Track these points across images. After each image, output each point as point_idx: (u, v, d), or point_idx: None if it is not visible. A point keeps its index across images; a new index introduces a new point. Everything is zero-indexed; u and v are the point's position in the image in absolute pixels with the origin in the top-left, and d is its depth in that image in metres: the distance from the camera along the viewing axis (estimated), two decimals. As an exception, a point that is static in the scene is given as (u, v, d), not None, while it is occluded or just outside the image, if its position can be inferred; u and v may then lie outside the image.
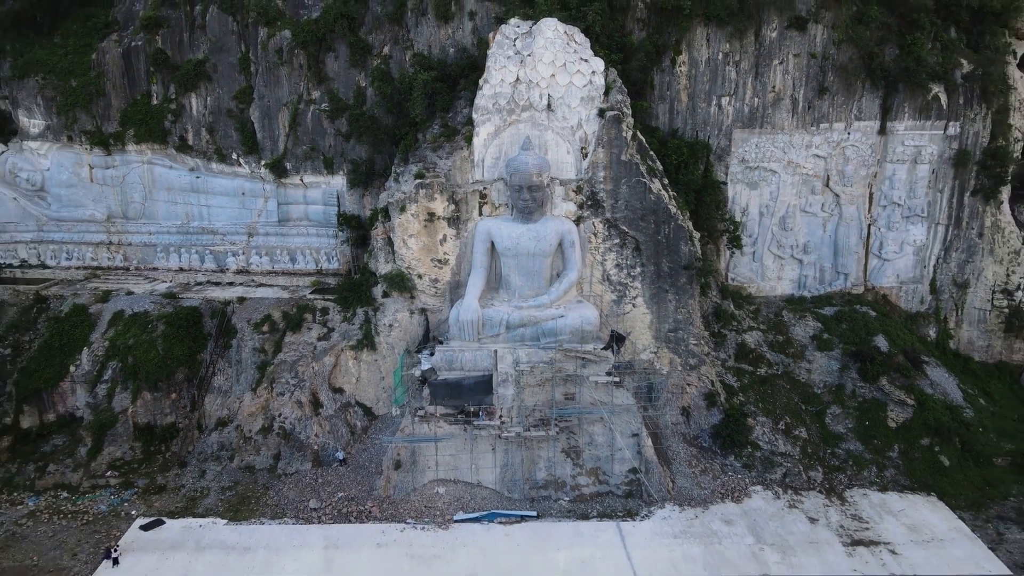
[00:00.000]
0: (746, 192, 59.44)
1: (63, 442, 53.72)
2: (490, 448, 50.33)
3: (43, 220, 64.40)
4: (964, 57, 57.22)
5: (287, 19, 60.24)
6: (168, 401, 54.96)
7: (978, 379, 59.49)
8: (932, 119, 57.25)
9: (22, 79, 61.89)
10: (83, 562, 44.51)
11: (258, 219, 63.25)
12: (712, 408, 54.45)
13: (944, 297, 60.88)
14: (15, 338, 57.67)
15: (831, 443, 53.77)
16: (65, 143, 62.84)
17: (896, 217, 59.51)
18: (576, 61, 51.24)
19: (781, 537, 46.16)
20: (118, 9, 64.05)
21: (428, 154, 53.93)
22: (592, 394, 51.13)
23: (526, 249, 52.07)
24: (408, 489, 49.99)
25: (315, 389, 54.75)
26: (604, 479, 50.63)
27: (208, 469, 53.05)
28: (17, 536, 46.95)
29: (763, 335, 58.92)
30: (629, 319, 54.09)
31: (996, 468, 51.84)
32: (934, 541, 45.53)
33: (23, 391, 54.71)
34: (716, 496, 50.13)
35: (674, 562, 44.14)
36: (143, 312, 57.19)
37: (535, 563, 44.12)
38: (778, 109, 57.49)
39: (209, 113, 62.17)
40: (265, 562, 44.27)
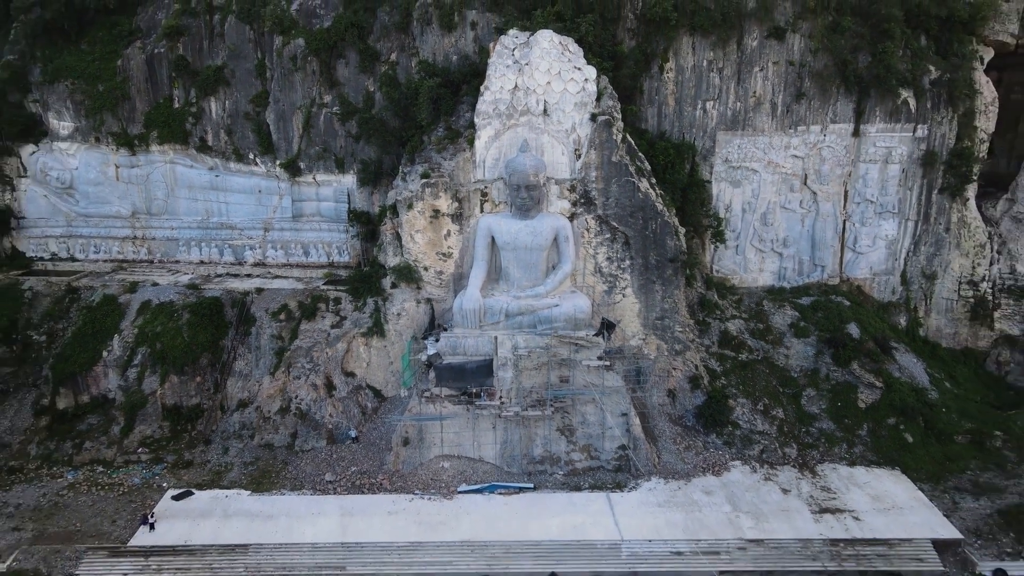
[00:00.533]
0: (729, 190, 63.69)
1: (97, 421, 58.25)
2: (491, 426, 54.82)
3: (72, 216, 68.69)
4: (932, 64, 61.32)
5: (300, 28, 64.34)
6: (193, 384, 59.45)
7: (945, 364, 63.88)
8: (902, 122, 61.44)
9: (52, 84, 66.12)
10: (122, 527, 49.17)
11: (273, 215, 67.53)
12: (696, 390, 58.90)
13: (914, 288, 65.21)
14: (49, 326, 62.10)
15: (805, 422, 58.25)
16: (93, 144, 67.09)
17: (869, 213, 63.77)
18: (570, 69, 55.44)
19: (755, 506, 50.71)
20: (140, 17, 68.11)
21: (433, 155, 58.20)
22: (585, 377, 55.57)
23: (524, 243, 56.44)
24: (415, 464, 54.53)
25: (329, 373, 59.19)
26: (595, 455, 55.14)
27: (231, 446, 57.57)
28: (60, 505, 51.59)
29: (745, 323, 63.30)
30: (619, 308, 58.48)
31: (956, 445, 56.30)
32: (894, 509, 50.08)
33: (59, 375, 59.14)
34: (698, 470, 54.68)
35: (658, 527, 48.72)
36: (169, 302, 61.65)
37: (532, 529, 48.68)
38: (759, 113, 61.70)
39: (227, 116, 66.41)
40: (286, 527, 48.87)
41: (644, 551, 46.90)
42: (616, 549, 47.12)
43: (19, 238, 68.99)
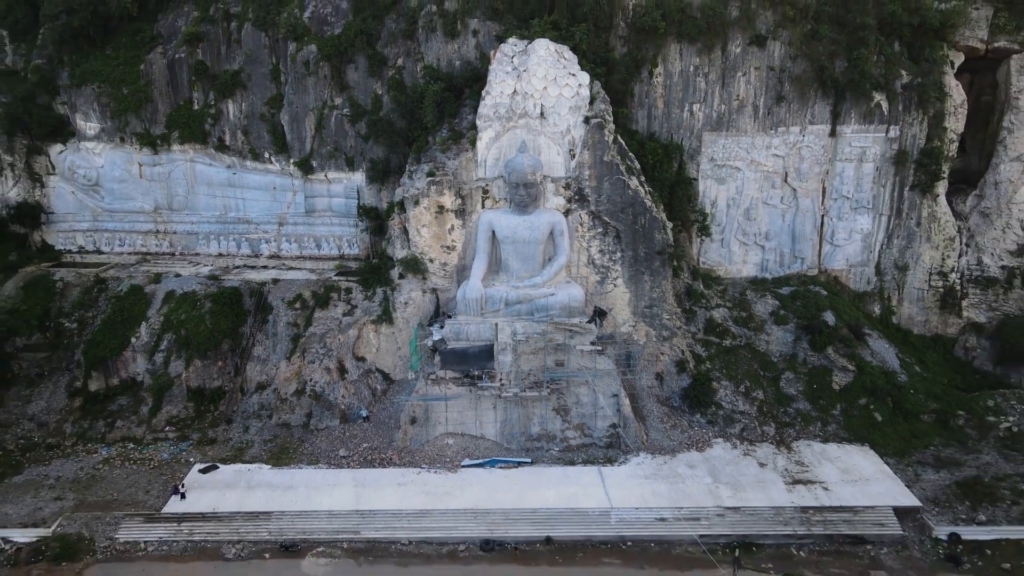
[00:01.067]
0: (715, 187, 68.03)
1: (127, 402, 62.85)
2: (492, 406, 59.40)
3: (98, 211, 73.05)
4: (904, 68, 65.52)
5: (313, 35, 68.53)
6: (215, 368, 64.03)
7: (916, 349, 68.32)
8: (875, 123, 65.71)
9: (79, 87, 70.38)
10: (155, 496, 53.85)
11: (287, 210, 71.88)
12: (682, 373, 63.44)
13: (887, 278, 69.62)
14: (80, 314, 66.63)
15: (783, 403, 62.80)
16: (117, 143, 71.40)
17: (845, 209, 68.12)
18: (565, 75, 59.74)
19: (734, 478, 55.31)
20: (161, 24, 72.23)
21: (438, 155, 62.56)
22: (578, 361, 60.10)
23: (522, 237, 60.91)
24: (422, 440, 59.14)
25: (341, 357, 63.71)
26: (588, 432, 59.74)
27: (251, 425, 62.17)
28: (97, 477, 56.27)
29: (729, 311, 67.73)
30: (610, 297, 62.97)
31: (922, 423, 60.85)
32: (861, 480, 54.69)
33: (91, 359, 63.70)
34: (683, 446, 59.28)
35: (644, 497, 53.35)
36: (191, 292, 66.18)
37: (529, 498, 53.30)
38: (742, 115, 65.98)
39: (244, 117, 70.68)
40: (305, 497, 53.51)
41: (631, 517, 51.56)
42: (606, 516, 51.77)
43: (48, 232, 73.37)
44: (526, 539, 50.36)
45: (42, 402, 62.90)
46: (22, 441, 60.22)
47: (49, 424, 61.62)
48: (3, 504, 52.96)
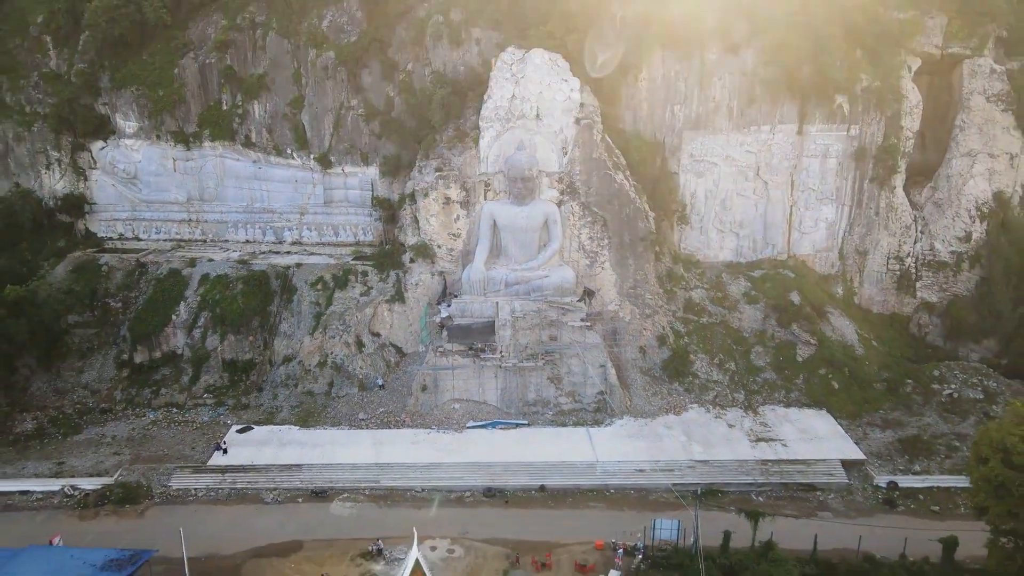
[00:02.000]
0: (694, 180, 75.39)
1: (169, 372, 70.67)
2: (493, 375, 67.17)
3: (136, 202, 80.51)
4: (865, 73, 72.60)
5: (330, 42, 75.75)
6: (247, 342, 71.76)
7: (874, 326, 75.99)
8: (838, 123, 73.00)
9: (120, 89, 77.64)
10: (200, 452, 61.83)
11: (308, 201, 79.29)
12: (663, 347, 71.14)
13: (849, 262, 77.13)
14: (124, 295, 74.27)
15: (752, 373, 70.55)
16: (154, 140, 78.75)
17: (811, 200, 75.51)
18: (558, 81, 67.11)
19: (705, 437, 63.16)
20: (192, 31, 79.35)
21: (444, 152, 70.03)
22: (570, 335, 67.85)
23: (520, 225, 68.51)
24: (432, 406, 66.97)
25: (359, 333, 71.39)
26: (579, 398, 67.53)
27: (279, 393, 69.95)
28: (147, 436, 64.27)
29: (706, 292, 75.32)
30: (599, 279, 70.61)
31: (874, 390, 68.59)
32: (815, 438, 62.57)
33: (135, 335, 71.45)
34: (662, 411, 67.07)
35: (626, 452, 61.23)
36: (224, 274, 73.84)
37: (526, 453, 61.18)
38: (718, 115, 73.26)
39: (268, 116, 77.95)
40: (330, 452, 61.39)
41: (614, 469, 59.45)
42: (592, 468, 59.68)
43: (91, 221, 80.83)
44: (523, 487, 58.21)
45: (94, 372, 70.71)
46: (78, 406, 68.12)
47: (101, 391, 69.47)
48: (69, 458, 61.02)
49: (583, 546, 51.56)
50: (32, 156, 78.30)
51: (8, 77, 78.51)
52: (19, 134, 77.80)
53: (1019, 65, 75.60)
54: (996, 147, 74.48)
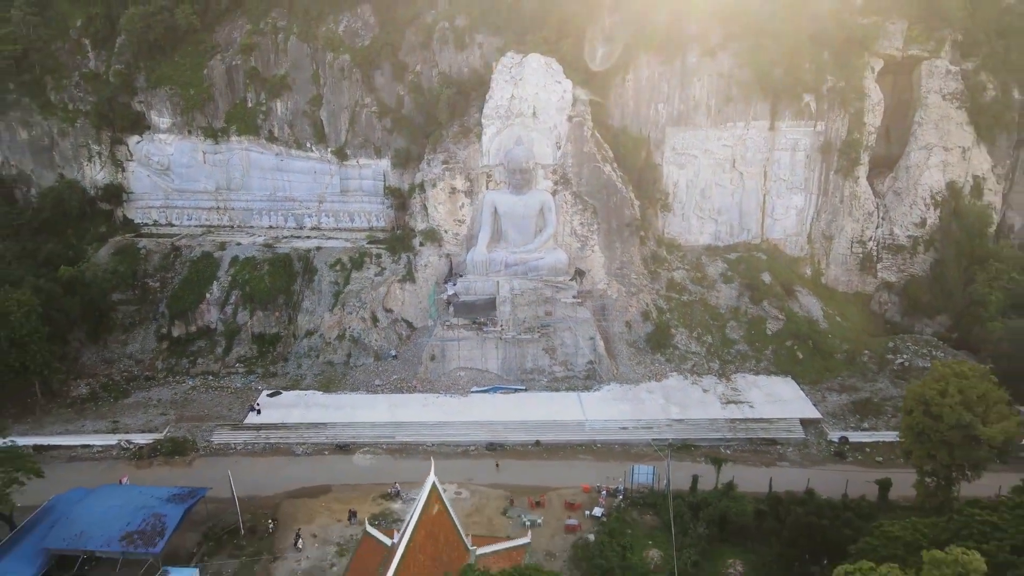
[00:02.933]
0: (676, 171, 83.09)
1: (204, 344, 78.87)
2: (494, 346, 75.28)
3: (169, 191, 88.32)
4: (831, 74, 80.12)
5: (346, 46, 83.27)
6: (273, 318, 79.88)
7: (839, 304, 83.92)
8: (806, 120, 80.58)
9: (154, 89, 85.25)
10: (236, 412, 70.13)
11: (326, 190, 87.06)
12: (647, 322, 79.17)
13: (817, 246, 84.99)
14: (161, 275, 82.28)
15: (727, 345, 78.64)
16: (185, 135, 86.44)
17: (782, 189, 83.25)
18: (553, 83, 74.76)
19: (682, 400, 71.35)
20: (219, 35, 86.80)
21: (450, 146, 77.79)
22: (563, 311, 75.90)
23: (518, 212, 76.43)
24: (440, 373, 75.15)
25: (374, 309, 79.48)
26: (570, 367, 75.66)
27: (303, 363, 78.14)
28: (188, 400, 72.60)
29: (687, 273, 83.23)
30: (589, 260, 78.56)
31: (835, 360, 76.73)
32: (779, 401, 70.76)
33: (173, 311, 79.58)
34: (645, 378, 75.21)
35: (611, 413, 69.43)
36: (251, 257, 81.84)
37: (523, 414, 69.37)
38: (697, 112, 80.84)
39: (290, 113, 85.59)
40: (351, 413, 69.65)
41: (601, 426, 67.72)
42: (581, 426, 67.94)
43: (128, 208, 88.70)
44: (520, 443, 66.45)
45: (137, 344, 78.93)
46: (125, 374, 76.42)
47: (144, 361, 77.76)
48: (122, 417, 69.38)
49: (572, 489, 59.91)
50: (75, 150, 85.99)
51: (52, 77, 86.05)
52: (63, 129, 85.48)
53: (973, 66, 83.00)
54: (950, 141, 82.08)
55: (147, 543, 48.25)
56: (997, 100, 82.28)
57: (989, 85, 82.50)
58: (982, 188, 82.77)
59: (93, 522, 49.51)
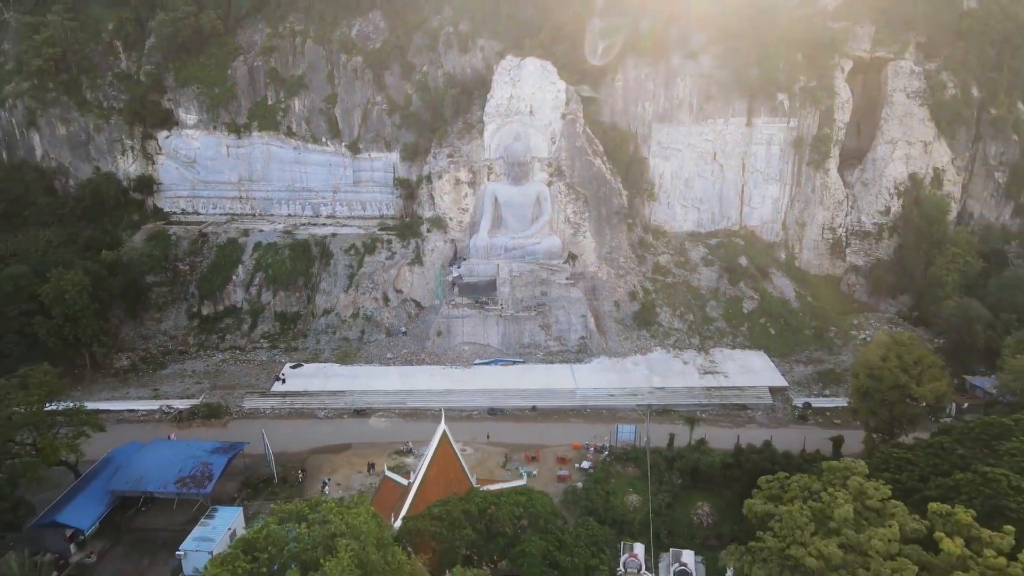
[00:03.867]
0: (662, 163, 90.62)
1: (231, 322, 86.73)
2: (495, 323, 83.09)
3: (195, 182, 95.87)
4: (803, 74, 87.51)
5: (358, 48, 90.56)
6: (294, 297, 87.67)
7: (811, 285, 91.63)
8: (780, 116, 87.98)
9: (182, 87, 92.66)
10: (263, 382, 78.06)
11: (340, 182, 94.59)
12: (634, 301, 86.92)
13: (791, 232, 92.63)
14: (191, 259, 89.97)
15: (707, 323, 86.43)
16: (210, 130, 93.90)
17: (759, 180, 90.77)
18: (548, 84, 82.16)
19: (664, 371, 79.21)
20: (241, 38, 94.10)
21: (455, 141, 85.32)
22: (557, 291, 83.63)
23: (517, 202, 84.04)
24: (446, 347, 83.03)
25: (385, 290, 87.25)
26: (564, 342, 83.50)
27: (321, 339, 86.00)
28: (219, 371, 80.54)
29: (671, 257, 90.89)
30: (581, 245, 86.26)
31: (804, 336, 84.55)
32: (751, 371, 78.62)
33: (202, 291, 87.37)
34: (631, 352, 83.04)
35: (600, 382, 77.28)
36: (273, 242, 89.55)
37: (521, 383, 77.21)
38: (680, 110, 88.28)
39: (306, 110, 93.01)
40: (366, 382, 77.51)
41: (590, 393, 75.60)
42: (573, 393, 75.82)
43: (158, 198, 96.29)
44: (518, 408, 74.36)
45: (170, 322, 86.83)
46: (161, 348, 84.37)
47: (177, 337, 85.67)
48: (162, 386, 77.36)
49: (564, 447, 67.84)
50: (109, 144, 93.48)
51: (88, 77, 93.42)
52: (98, 125, 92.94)
53: (934, 66, 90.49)
54: (913, 136, 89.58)
55: (198, 486, 56.33)
56: (956, 98, 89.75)
57: (949, 84, 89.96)
58: (942, 179, 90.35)
59: (150, 469, 57.56)
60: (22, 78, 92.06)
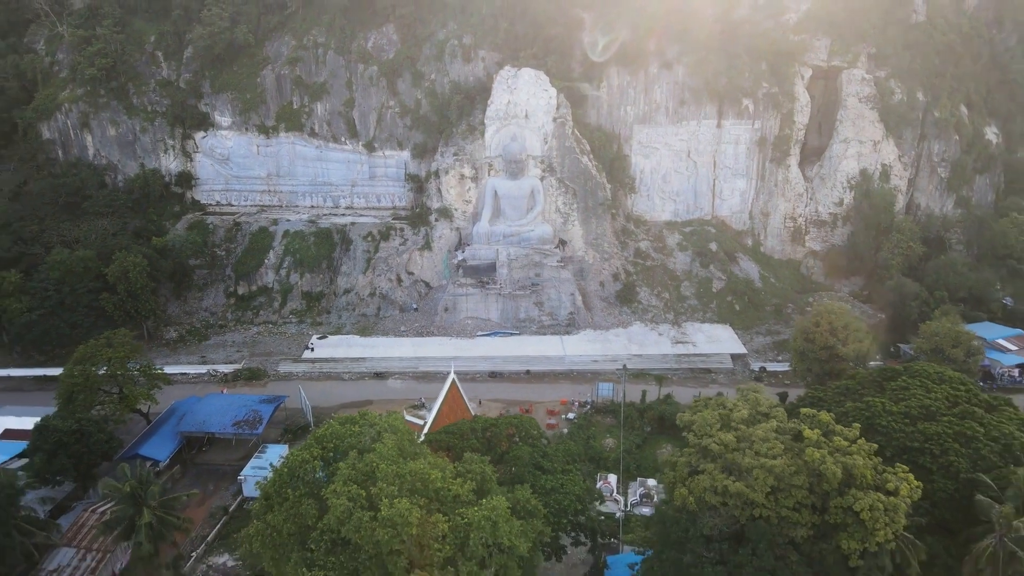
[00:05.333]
0: (642, 160, 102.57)
1: (264, 300, 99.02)
2: (495, 300, 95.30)
3: (228, 177, 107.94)
4: (766, 81, 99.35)
5: (374, 58, 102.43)
6: (318, 279, 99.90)
7: (774, 268, 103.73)
8: (745, 119, 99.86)
9: (217, 93, 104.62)
10: (294, 351, 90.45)
11: (357, 177, 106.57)
12: (616, 282, 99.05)
13: (756, 221, 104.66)
14: (227, 245, 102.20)
15: (681, 300, 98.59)
16: (242, 131, 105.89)
17: (728, 175, 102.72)
18: (541, 91, 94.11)
19: (641, 341, 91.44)
20: (269, 49, 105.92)
21: (460, 141, 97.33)
22: (549, 273, 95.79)
23: (514, 194, 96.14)
24: (452, 321, 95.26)
25: (398, 272, 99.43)
26: (555, 317, 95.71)
27: (342, 315, 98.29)
28: (256, 341, 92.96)
29: (651, 243, 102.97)
30: (570, 232, 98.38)
31: (765, 311, 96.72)
32: (716, 341, 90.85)
33: (238, 273, 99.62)
34: (614, 325, 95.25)
35: (586, 350, 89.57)
36: (299, 230, 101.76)
37: (517, 351, 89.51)
38: (658, 113, 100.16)
39: (328, 113, 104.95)
40: (384, 351, 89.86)
41: (577, 360, 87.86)
42: (562, 359, 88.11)
43: (196, 192, 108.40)
44: (514, 371, 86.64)
45: (210, 299, 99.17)
46: (203, 323, 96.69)
47: (217, 313, 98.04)
48: (208, 354, 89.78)
49: (553, 402, 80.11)
50: (153, 144, 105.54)
51: (133, 84, 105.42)
52: (144, 127, 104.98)
53: (884, 74, 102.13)
54: (864, 136, 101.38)
55: (251, 428, 68.74)
56: (903, 102, 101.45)
57: (897, 90, 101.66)
58: (889, 174, 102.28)
59: (211, 415, 69.97)
60: (76, 85, 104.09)
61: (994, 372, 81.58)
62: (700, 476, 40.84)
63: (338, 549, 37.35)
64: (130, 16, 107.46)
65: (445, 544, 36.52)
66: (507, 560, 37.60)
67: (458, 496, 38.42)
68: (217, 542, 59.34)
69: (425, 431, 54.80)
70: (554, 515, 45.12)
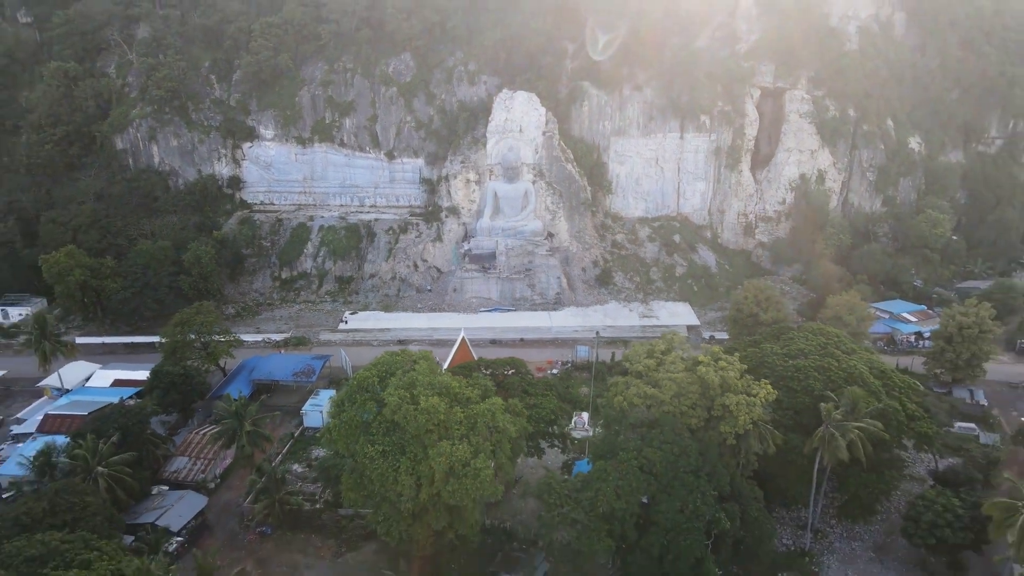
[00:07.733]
0: (618, 167, 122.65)
1: (303, 283, 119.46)
2: (495, 283, 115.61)
3: (271, 181, 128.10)
4: (721, 100, 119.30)
5: (394, 80, 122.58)
6: (348, 265, 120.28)
7: (730, 257, 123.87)
8: (703, 132, 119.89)
9: (262, 111, 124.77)
10: (331, 323, 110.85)
11: (379, 180, 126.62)
12: (596, 268, 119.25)
13: (714, 217, 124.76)
14: (271, 238, 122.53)
15: (650, 283, 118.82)
16: (283, 143, 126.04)
17: (690, 179, 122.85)
18: (532, 109, 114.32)
19: (614, 316, 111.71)
20: (305, 72, 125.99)
21: (465, 151, 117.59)
22: (540, 260, 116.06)
23: (511, 195, 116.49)
24: (460, 300, 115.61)
25: (415, 260, 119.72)
26: (544, 296, 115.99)
27: (369, 295, 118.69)
28: (299, 316, 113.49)
29: (625, 236, 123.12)
30: (557, 227, 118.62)
31: (718, 292, 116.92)
32: (676, 315, 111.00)
33: (281, 261, 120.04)
34: (593, 303, 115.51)
35: (569, 322, 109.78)
36: (332, 225, 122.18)
37: (513, 323, 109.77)
38: (631, 127, 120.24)
39: (355, 127, 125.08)
40: (405, 323, 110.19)
41: (561, 330, 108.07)
42: (550, 329, 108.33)
43: (244, 193, 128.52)
44: (511, 339, 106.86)
45: (259, 283, 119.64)
46: (254, 301, 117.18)
47: (265, 294, 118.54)
48: (261, 325, 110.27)
49: (541, 362, 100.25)
50: (209, 153, 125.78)
51: (192, 102, 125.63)
52: (201, 139, 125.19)
53: (820, 94, 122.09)
54: (803, 146, 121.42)
55: (307, 376, 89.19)
56: (836, 117, 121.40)
57: (831, 107, 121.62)
58: (824, 178, 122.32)
59: (275, 367, 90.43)
60: (145, 104, 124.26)
61: (895, 338, 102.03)
62: (630, 388, 61.18)
63: (391, 431, 57.64)
64: (188, 45, 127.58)
65: (461, 426, 56.77)
66: (501, 438, 57.84)
67: (469, 398, 58.68)
68: (288, 455, 79.76)
69: (444, 367, 75.13)
70: (533, 421, 65.41)
